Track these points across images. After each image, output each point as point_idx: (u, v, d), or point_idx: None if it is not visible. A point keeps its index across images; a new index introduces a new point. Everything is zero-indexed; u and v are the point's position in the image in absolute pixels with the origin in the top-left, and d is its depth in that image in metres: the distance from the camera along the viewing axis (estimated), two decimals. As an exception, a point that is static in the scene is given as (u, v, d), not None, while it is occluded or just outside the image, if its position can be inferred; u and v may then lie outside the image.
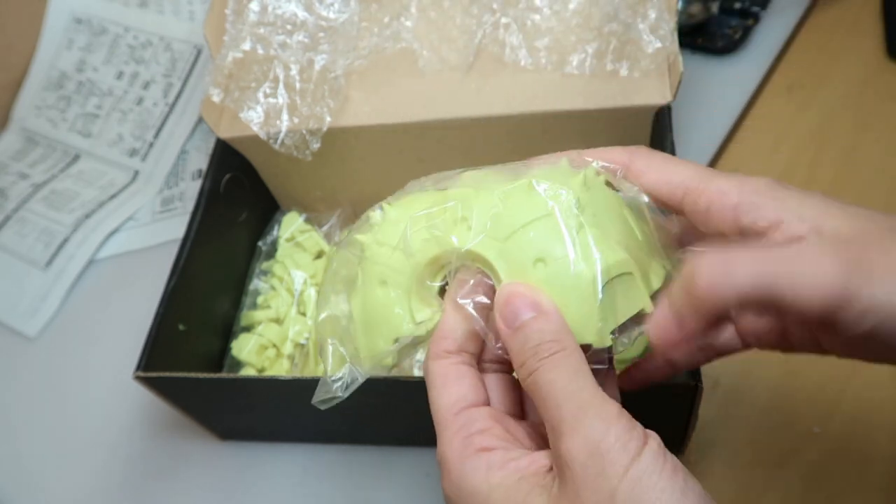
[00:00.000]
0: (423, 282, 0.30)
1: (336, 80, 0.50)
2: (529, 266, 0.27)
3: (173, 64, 0.71)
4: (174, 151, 0.69)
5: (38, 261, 0.64)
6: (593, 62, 0.48)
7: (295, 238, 0.57)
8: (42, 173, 0.70)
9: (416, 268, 0.29)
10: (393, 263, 0.30)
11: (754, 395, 0.48)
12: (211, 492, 0.51)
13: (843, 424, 0.46)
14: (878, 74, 0.62)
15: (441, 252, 0.29)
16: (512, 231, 0.28)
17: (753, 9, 0.65)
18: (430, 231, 0.29)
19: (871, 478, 0.44)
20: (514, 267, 0.28)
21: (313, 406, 0.46)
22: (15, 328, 0.62)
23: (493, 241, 0.28)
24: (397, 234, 0.30)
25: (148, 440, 0.54)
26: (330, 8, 0.51)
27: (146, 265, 0.63)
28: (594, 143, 0.50)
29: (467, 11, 0.51)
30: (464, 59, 0.50)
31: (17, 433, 0.56)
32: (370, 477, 0.49)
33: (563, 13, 0.49)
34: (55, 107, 0.73)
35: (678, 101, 0.46)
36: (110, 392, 0.56)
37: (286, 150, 0.50)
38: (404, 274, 0.29)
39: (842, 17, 0.66)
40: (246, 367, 0.52)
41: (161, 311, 0.45)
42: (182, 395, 0.46)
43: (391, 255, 0.30)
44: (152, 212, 0.66)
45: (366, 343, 0.31)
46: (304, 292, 0.54)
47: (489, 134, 0.50)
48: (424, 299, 0.30)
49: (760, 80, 0.63)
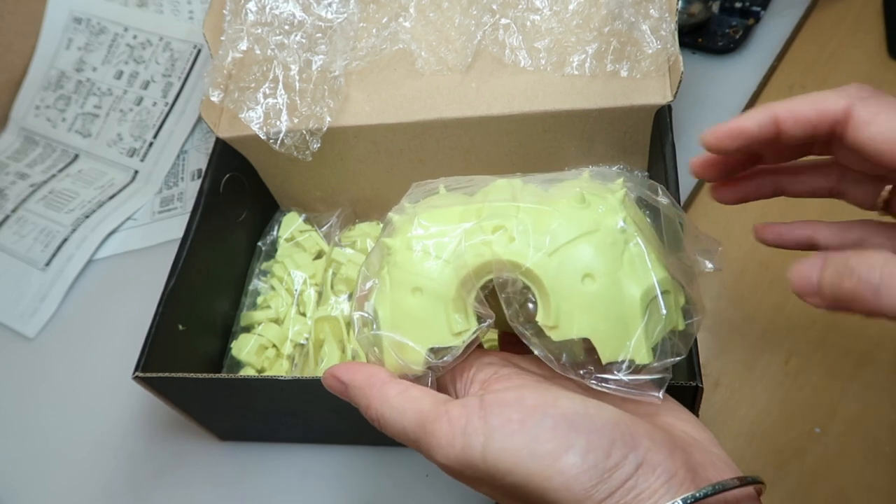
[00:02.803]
0: (462, 292, 0.29)
1: (336, 80, 0.50)
2: (577, 281, 0.27)
3: (173, 64, 0.71)
4: (174, 151, 0.69)
5: (37, 261, 0.64)
6: (593, 63, 0.48)
7: (295, 238, 0.57)
8: (41, 173, 0.70)
9: (459, 279, 0.28)
10: (429, 272, 0.29)
11: (754, 395, 0.48)
12: (211, 492, 0.51)
13: (843, 424, 0.46)
14: (879, 74, 0.62)
15: (486, 264, 0.28)
16: (559, 245, 0.27)
17: (754, 8, 0.65)
18: (475, 244, 0.28)
19: (871, 478, 0.44)
20: (562, 281, 0.27)
21: (313, 406, 0.46)
22: (14, 328, 0.61)
23: (539, 255, 0.27)
24: (432, 241, 0.29)
25: (147, 440, 0.53)
26: (328, 8, 0.51)
27: (145, 265, 0.63)
28: (594, 143, 0.50)
29: (466, 12, 0.51)
30: (462, 60, 0.50)
31: (16, 433, 0.56)
32: (370, 477, 0.49)
33: (563, 14, 0.49)
34: (54, 106, 0.73)
35: (678, 100, 0.46)
36: (109, 392, 0.56)
37: (286, 150, 0.50)
38: (443, 283, 0.29)
39: (842, 16, 0.66)
40: (246, 367, 0.52)
41: (160, 311, 0.45)
42: (181, 396, 0.46)
43: (425, 262, 0.29)
44: (151, 212, 0.66)
45: (394, 350, 0.30)
46: (303, 292, 0.54)
47: (489, 134, 0.50)
48: (461, 309, 0.29)
49: (761, 79, 0.63)
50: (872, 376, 0.47)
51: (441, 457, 0.26)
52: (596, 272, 0.27)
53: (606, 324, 0.27)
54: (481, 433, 0.25)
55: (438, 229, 0.29)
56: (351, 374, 0.29)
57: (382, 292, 0.30)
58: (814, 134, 0.28)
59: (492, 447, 0.24)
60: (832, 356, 0.49)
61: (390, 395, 0.28)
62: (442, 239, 0.29)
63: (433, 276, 0.28)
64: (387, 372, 0.29)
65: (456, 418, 0.26)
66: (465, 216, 0.29)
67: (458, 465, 0.25)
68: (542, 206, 0.28)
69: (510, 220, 0.28)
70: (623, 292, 0.27)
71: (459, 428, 0.25)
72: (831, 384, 0.48)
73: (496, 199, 0.29)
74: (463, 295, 0.29)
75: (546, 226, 0.28)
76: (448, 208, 0.30)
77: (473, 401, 0.26)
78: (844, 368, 0.48)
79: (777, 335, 0.50)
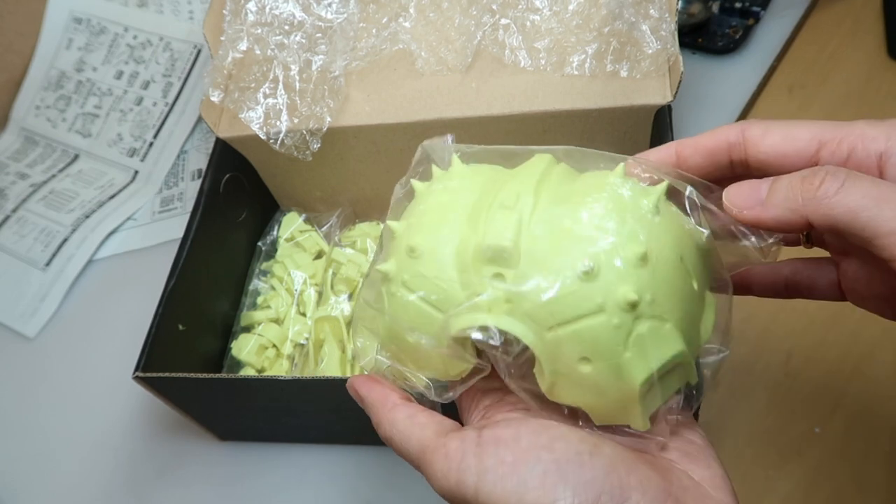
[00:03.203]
0: (457, 342, 0.28)
1: (336, 80, 0.50)
2: (574, 361, 0.25)
3: (173, 64, 0.71)
4: (174, 151, 0.69)
5: (38, 261, 0.64)
6: (593, 63, 0.48)
7: (295, 238, 0.57)
8: (41, 173, 0.70)
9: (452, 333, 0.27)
10: (422, 319, 0.28)
11: (754, 396, 0.48)
12: (211, 492, 0.51)
13: (843, 424, 0.46)
14: (879, 74, 0.62)
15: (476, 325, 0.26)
16: (558, 322, 0.25)
17: (754, 8, 0.65)
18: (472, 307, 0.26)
19: (872, 478, 0.44)
20: (558, 358, 0.26)
21: (313, 406, 0.46)
22: (14, 328, 0.61)
23: (536, 331, 0.26)
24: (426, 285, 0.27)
25: (147, 440, 0.53)
26: (328, 9, 0.51)
27: (145, 265, 0.63)
28: (594, 143, 0.50)
29: (466, 12, 0.51)
30: (462, 61, 0.50)
31: (16, 433, 0.56)
32: (370, 477, 0.49)
33: (563, 14, 0.49)
34: (54, 106, 0.73)
35: (678, 101, 0.46)
36: (109, 392, 0.56)
37: (286, 150, 0.50)
38: (436, 334, 0.28)
39: (842, 16, 0.66)
40: (246, 367, 0.52)
41: (160, 311, 0.45)
42: (181, 396, 0.46)
43: (419, 307, 0.28)
44: (152, 212, 0.66)
45: (395, 375, 0.30)
46: (303, 292, 0.54)
47: (489, 134, 0.50)
48: (458, 354, 0.28)
49: (761, 79, 0.63)
50: (872, 376, 0.47)
51: (437, 486, 0.27)
52: (594, 357, 0.25)
53: (601, 401, 0.26)
54: (474, 472, 0.25)
55: (432, 260, 0.27)
56: (367, 391, 0.31)
57: (382, 313, 0.29)
58: (713, 161, 0.29)
59: (483, 488, 0.25)
60: (832, 356, 0.49)
61: (398, 419, 0.29)
62: (438, 281, 0.27)
63: (427, 323, 0.28)
64: (400, 394, 0.30)
65: (453, 452, 0.26)
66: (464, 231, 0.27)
67: (452, 497, 0.26)
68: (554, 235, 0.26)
69: (510, 267, 0.26)
70: (622, 376, 0.25)
71: (455, 463, 0.26)
72: (831, 384, 0.48)
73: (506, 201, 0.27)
74: (459, 342, 0.28)
75: (551, 266, 0.25)
76: (446, 214, 0.28)
77: (471, 435, 0.26)
78: (844, 368, 0.48)
79: (777, 335, 0.50)
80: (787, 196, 0.25)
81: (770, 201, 0.25)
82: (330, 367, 0.49)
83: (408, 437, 0.28)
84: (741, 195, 0.26)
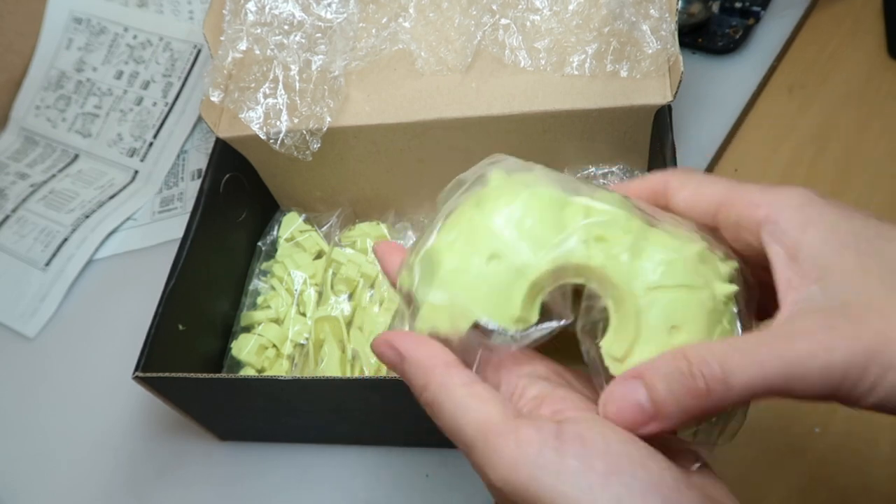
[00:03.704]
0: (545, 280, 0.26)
1: (336, 80, 0.50)
2: (663, 327, 0.25)
3: (173, 64, 0.71)
4: (174, 151, 0.69)
5: (37, 261, 0.64)
6: (593, 63, 0.48)
7: (295, 238, 0.57)
8: (41, 173, 0.70)
9: (552, 265, 0.25)
10: (517, 243, 0.25)
11: (754, 396, 0.48)
12: (211, 492, 0.51)
13: (843, 424, 0.46)
14: (879, 74, 0.62)
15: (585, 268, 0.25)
16: (660, 284, 0.25)
17: (754, 8, 0.65)
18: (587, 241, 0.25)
19: (872, 478, 0.44)
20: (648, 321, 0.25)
21: (313, 406, 0.46)
22: (14, 328, 0.61)
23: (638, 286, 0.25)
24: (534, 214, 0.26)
25: (147, 440, 0.53)
26: (327, 9, 0.51)
27: (145, 265, 0.63)
28: (594, 143, 0.50)
29: (466, 13, 0.51)
30: (462, 61, 0.50)
31: (16, 433, 0.56)
32: (370, 477, 0.49)
33: (563, 14, 0.49)
34: (54, 106, 0.73)
35: (678, 101, 0.46)
36: (109, 392, 0.56)
37: (286, 150, 0.50)
38: (532, 262, 0.25)
39: (842, 16, 0.66)
40: (246, 367, 0.52)
41: (160, 311, 0.45)
42: (181, 396, 0.46)
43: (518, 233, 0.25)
44: (151, 212, 0.66)
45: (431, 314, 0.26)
46: (303, 292, 0.54)
47: (489, 134, 0.50)
48: (533, 298, 0.26)
49: (761, 79, 0.63)
50: (872, 376, 0.47)
51: (496, 477, 0.23)
52: (684, 329, 0.25)
53: None
54: (555, 470, 0.22)
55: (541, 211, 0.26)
56: (411, 347, 0.26)
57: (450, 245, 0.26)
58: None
59: (565, 492, 0.21)
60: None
61: (453, 385, 0.24)
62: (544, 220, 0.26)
63: (525, 249, 0.25)
64: (450, 353, 0.26)
65: (526, 442, 0.22)
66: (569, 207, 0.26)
67: (514, 493, 0.22)
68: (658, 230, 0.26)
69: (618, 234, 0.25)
70: None
71: (530, 455, 0.22)
72: (831, 384, 0.48)
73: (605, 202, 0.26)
74: (544, 284, 0.26)
75: (654, 254, 0.25)
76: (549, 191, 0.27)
77: (549, 427, 0.23)
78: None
79: (777, 335, 0.50)
80: (678, 403, 0.23)
81: (662, 412, 0.23)
82: (330, 367, 0.49)
83: (465, 410, 0.24)
84: (624, 410, 0.23)
